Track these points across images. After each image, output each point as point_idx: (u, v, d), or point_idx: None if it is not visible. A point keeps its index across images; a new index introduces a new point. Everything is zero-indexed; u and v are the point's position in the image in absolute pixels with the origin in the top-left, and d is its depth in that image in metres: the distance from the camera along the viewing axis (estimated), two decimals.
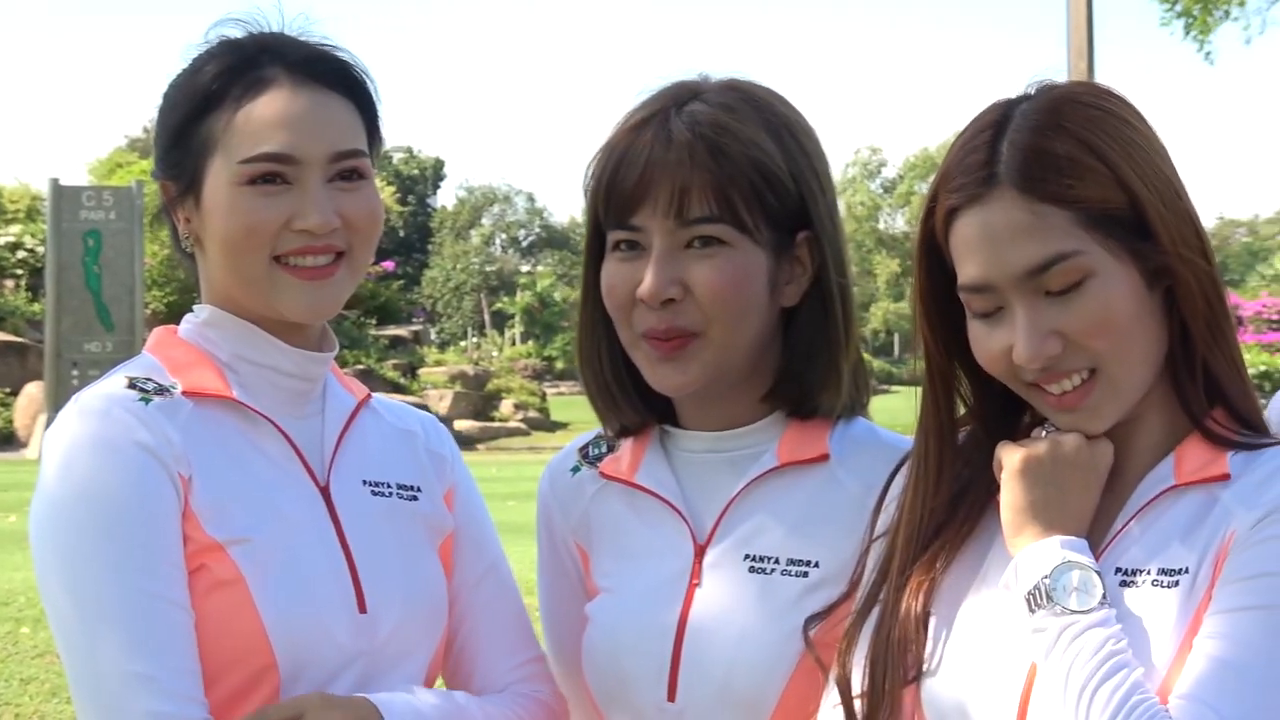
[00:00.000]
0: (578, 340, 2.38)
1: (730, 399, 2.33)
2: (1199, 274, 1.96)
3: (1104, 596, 1.88)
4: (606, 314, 2.31)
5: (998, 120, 1.99)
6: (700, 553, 2.30)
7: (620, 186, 2.22)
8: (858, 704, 2.07)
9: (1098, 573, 1.90)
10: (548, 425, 33.31)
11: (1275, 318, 44.13)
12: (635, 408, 2.36)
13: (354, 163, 2.25)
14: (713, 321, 2.22)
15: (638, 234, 2.22)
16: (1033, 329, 1.95)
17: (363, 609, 2.24)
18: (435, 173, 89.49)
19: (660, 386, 2.29)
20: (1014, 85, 2.04)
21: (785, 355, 2.33)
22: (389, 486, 2.37)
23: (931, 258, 2.06)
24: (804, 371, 2.32)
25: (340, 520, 2.29)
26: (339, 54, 2.31)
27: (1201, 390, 2.01)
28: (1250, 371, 2.33)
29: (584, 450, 2.48)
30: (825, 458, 2.32)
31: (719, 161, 2.19)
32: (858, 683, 2.08)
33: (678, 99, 2.25)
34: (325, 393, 2.38)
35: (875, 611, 2.10)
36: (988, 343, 2.00)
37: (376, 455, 2.40)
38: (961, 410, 2.16)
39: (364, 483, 2.35)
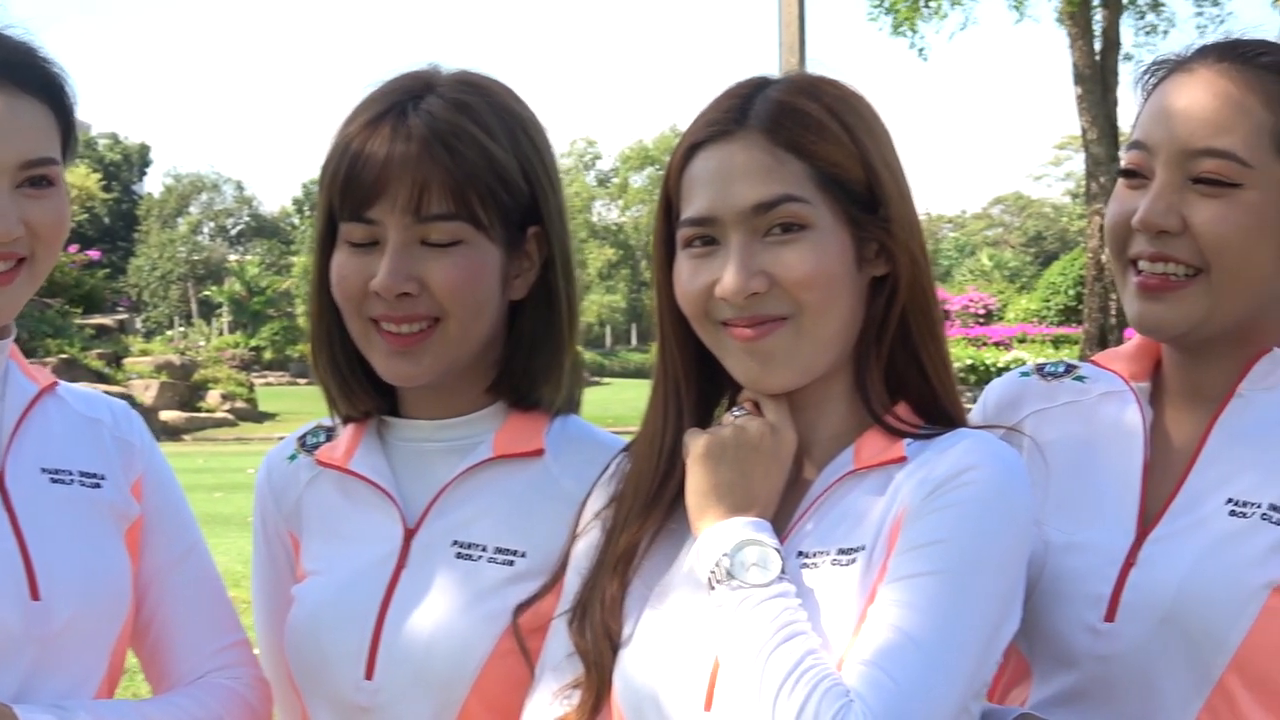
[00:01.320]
0: (310, 328, 2.35)
1: (454, 390, 2.33)
2: (917, 264, 2.03)
3: (783, 571, 1.92)
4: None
5: (758, 82, 2.06)
6: (409, 537, 2.30)
7: (357, 180, 2.20)
8: (576, 691, 2.08)
9: (777, 549, 1.94)
10: (255, 416, 32.89)
11: (981, 312, 45.56)
12: (368, 395, 2.36)
13: (44, 170, 2.22)
14: (449, 315, 2.22)
15: (373, 228, 2.21)
16: (743, 263, 1.98)
17: (35, 596, 2.22)
18: (141, 159, 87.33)
19: (392, 378, 2.29)
20: (728, 80, 2.09)
21: (510, 348, 2.34)
22: (70, 474, 2.35)
23: (668, 207, 2.09)
24: (528, 365, 2.34)
25: (13, 507, 2.26)
26: (35, 55, 2.26)
27: (882, 385, 2.06)
28: (956, 365, 2.43)
29: (302, 439, 2.46)
30: (540, 452, 2.33)
31: (456, 159, 2.19)
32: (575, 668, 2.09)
33: (412, 92, 2.24)
34: (5, 380, 2.34)
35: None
36: (694, 279, 2.03)
37: (59, 443, 2.37)
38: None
39: (43, 470, 2.32)
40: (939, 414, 2.06)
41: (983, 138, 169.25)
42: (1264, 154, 2.05)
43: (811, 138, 1.99)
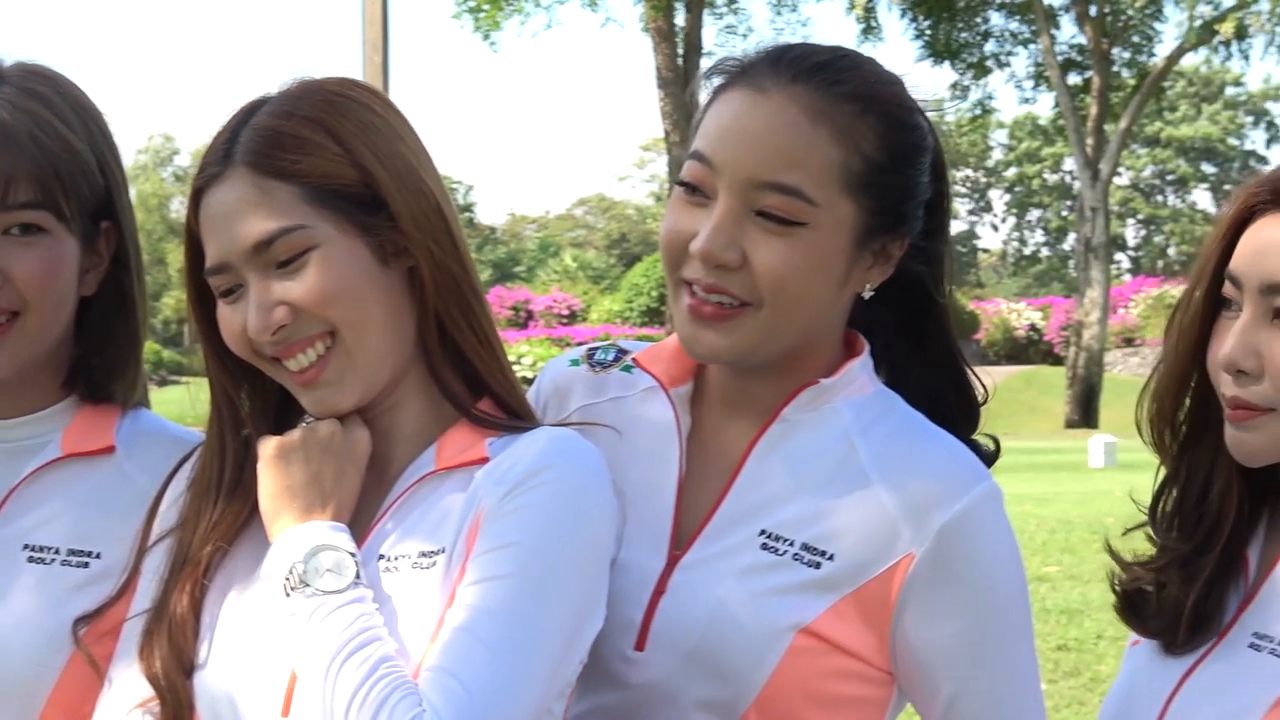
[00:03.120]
0: None
1: (20, 388, 2.25)
2: (439, 255, 2.00)
3: (358, 576, 1.90)
4: None
5: (248, 109, 2.03)
6: None
7: None
8: (156, 703, 2.01)
9: (352, 554, 1.91)
10: None
11: (565, 313, 46.06)
12: None
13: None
14: (30, 309, 2.17)
15: None
16: (260, 302, 1.96)
17: None
18: None
19: None
20: (311, 75, 2.08)
21: (82, 345, 2.29)
22: None
23: (195, 246, 2.05)
24: (101, 362, 2.29)
25: None
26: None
27: (460, 378, 2.04)
28: (541, 365, 2.44)
29: None
30: (111, 449, 2.27)
31: (41, 148, 2.15)
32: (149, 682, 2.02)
33: None
34: None
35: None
36: (231, 323, 2.00)
37: None
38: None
39: None
40: (516, 410, 2.05)
41: (568, 139, 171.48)
42: (831, 191, 1.98)
43: (293, 158, 1.97)
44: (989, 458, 2.18)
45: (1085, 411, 33.09)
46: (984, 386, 2.23)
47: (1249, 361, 2.01)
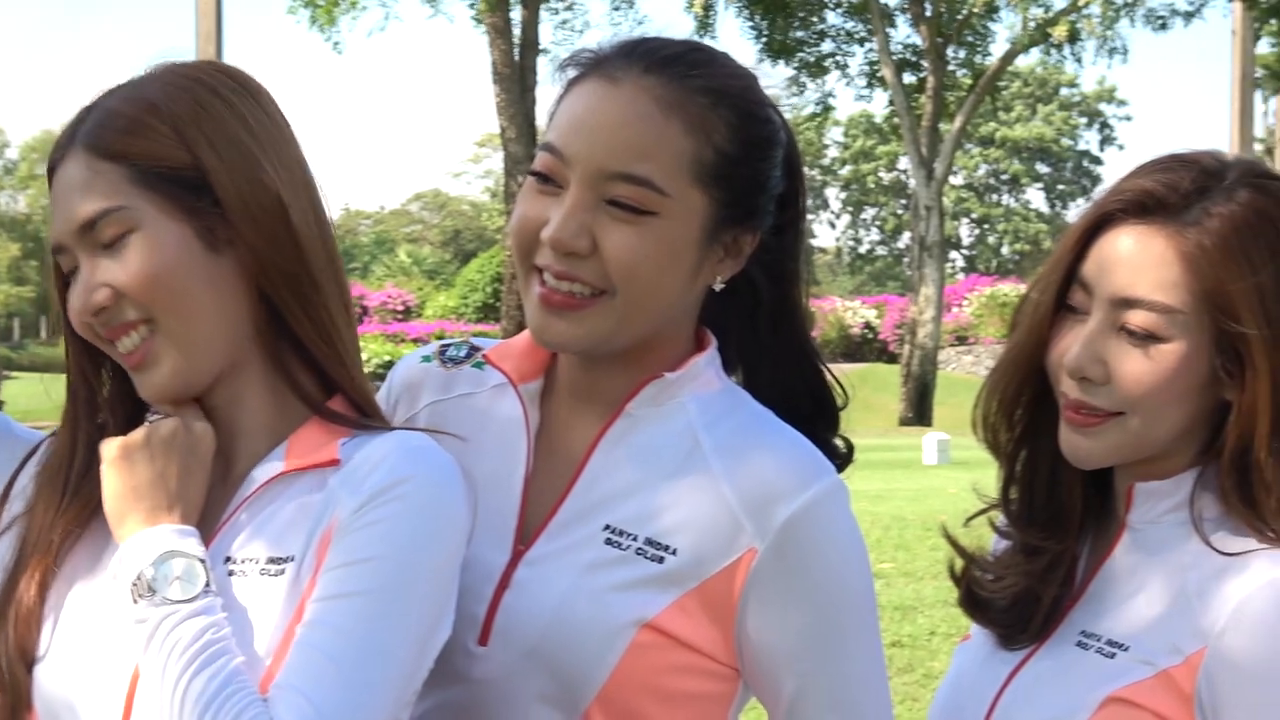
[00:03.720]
0: None
1: None
2: (269, 245, 1.96)
3: (208, 585, 1.86)
4: None
5: (104, 93, 2.02)
6: None
7: None
8: None
9: (202, 561, 1.87)
10: None
11: (400, 309, 45.79)
12: None
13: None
14: None
15: None
16: (85, 283, 1.95)
17: None
18: None
19: None
20: (143, 66, 2.06)
21: None
22: None
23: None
24: None
25: None
26: None
27: (309, 373, 2.00)
28: (376, 361, 2.26)
29: None
30: None
31: None
32: None
33: None
34: None
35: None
36: (70, 304, 1.98)
37: None
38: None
39: None
40: (365, 408, 2.02)
41: (403, 134, 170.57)
42: (681, 182, 1.99)
43: (125, 140, 1.96)
44: (842, 459, 2.18)
45: (919, 409, 33.42)
46: (843, 389, 2.23)
47: (1095, 369, 2.08)
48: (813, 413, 2.18)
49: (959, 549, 2.29)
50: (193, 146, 1.95)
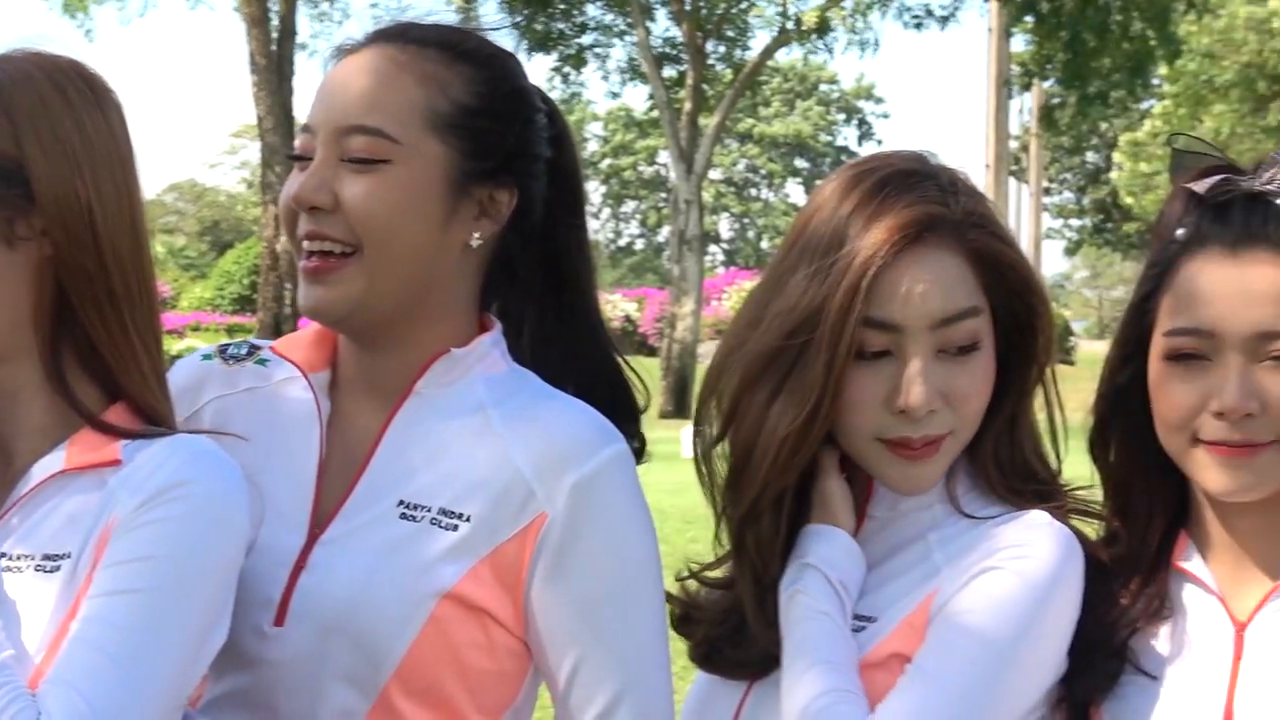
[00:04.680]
0: None
1: None
2: (70, 245, 1.94)
3: None
4: None
5: None
6: None
7: None
8: None
9: None
10: None
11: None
12: None
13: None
14: None
15: None
16: None
17: None
18: None
19: None
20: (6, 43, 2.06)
21: None
22: None
23: None
24: None
25: None
26: None
27: (92, 380, 1.98)
28: None
29: None
30: None
31: None
32: None
33: None
34: None
35: None
36: None
37: None
38: None
39: None
40: (152, 415, 1.99)
41: (159, 124, 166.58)
42: (415, 131, 2.05)
43: None
44: (635, 454, 2.18)
45: (678, 402, 33.62)
46: (644, 385, 2.27)
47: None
48: (612, 399, 2.20)
49: (675, 600, 2.30)
50: (19, 136, 1.93)
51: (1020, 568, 2.06)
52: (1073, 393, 2.27)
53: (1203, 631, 2.15)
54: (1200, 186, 2.14)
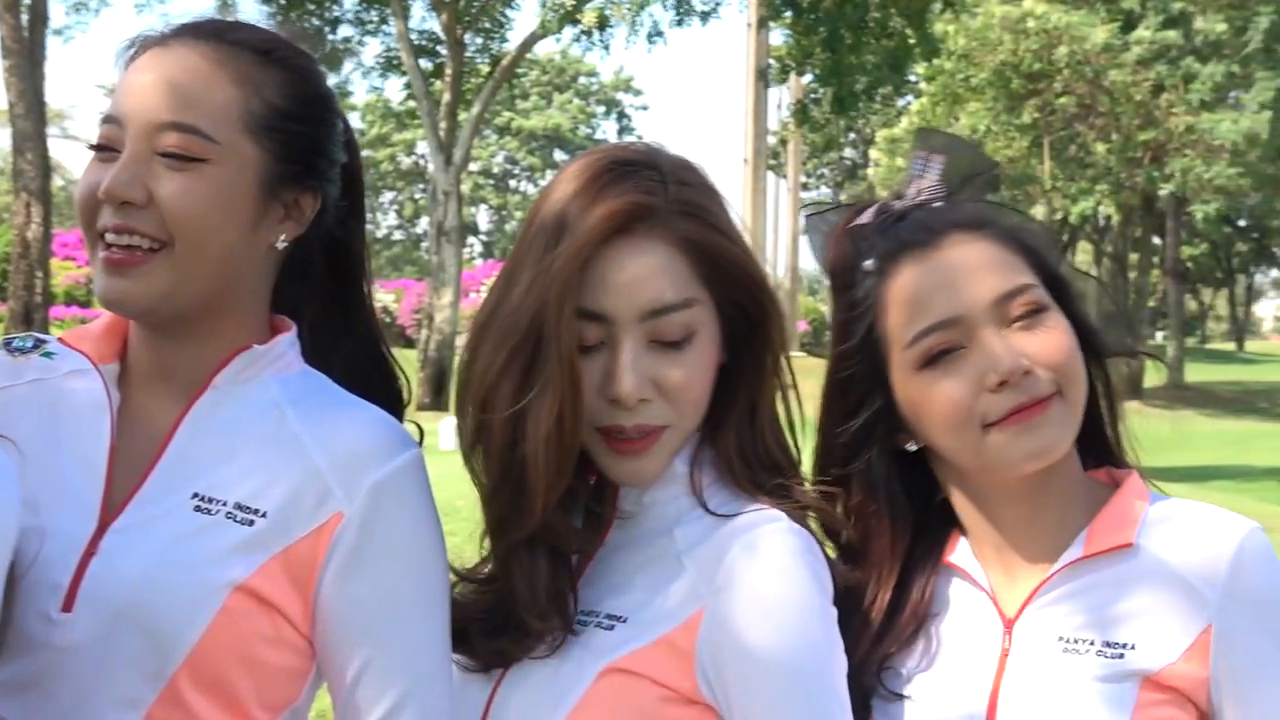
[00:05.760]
0: None
1: None
2: None
3: None
4: None
5: None
6: None
7: None
8: None
9: None
10: None
11: None
12: None
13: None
14: None
15: None
16: None
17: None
18: None
19: None
20: None
21: None
22: None
23: None
24: None
25: None
26: None
27: None
28: None
29: None
30: None
31: None
32: None
33: None
34: None
35: None
36: None
37: None
38: None
39: None
40: None
41: None
42: (230, 130, 2.06)
43: None
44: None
45: (437, 394, 33.43)
46: (407, 379, 2.33)
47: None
48: (382, 395, 2.24)
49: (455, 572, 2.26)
50: None
51: (781, 595, 2.03)
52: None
53: (972, 628, 2.19)
54: (865, 218, 2.23)
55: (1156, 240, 54.01)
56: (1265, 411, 42.06)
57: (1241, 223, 67.31)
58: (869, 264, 2.20)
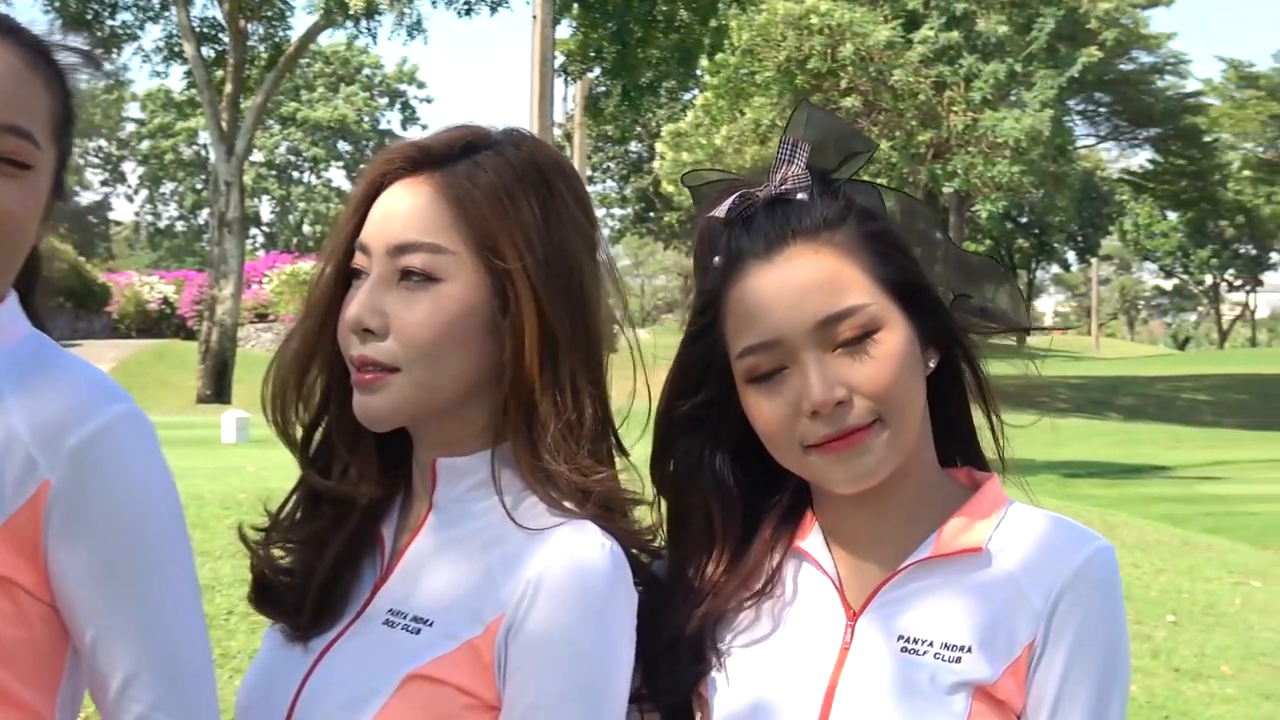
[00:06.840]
0: None
1: None
2: None
3: None
4: None
5: None
6: None
7: None
8: None
9: None
10: None
11: None
12: None
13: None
14: None
15: None
16: None
17: None
18: None
19: None
20: None
21: None
22: None
23: None
24: None
25: None
26: None
27: None
28: None
29: None
30: None
31: None
32: None
33: None
34: None
35: None
36: None
37: None
38: None
39: None
40: None
41: None
42: (45, 136, 2.04)
43: None
44: None
45: (218, 387, 33.01)
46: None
47: (374, 320, 2.09)
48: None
49: (248, 544, 2.26)
50: None
51: (575, 594, 2.03)
52: (614, 379, 2.28)
53: (816, 616, 2.17)
54: (720, 211, 2.18)
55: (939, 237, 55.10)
56: (1045, 405, 43.30)
57: (1023, 220, 69.19)
58: (716, 261, 2.17)
